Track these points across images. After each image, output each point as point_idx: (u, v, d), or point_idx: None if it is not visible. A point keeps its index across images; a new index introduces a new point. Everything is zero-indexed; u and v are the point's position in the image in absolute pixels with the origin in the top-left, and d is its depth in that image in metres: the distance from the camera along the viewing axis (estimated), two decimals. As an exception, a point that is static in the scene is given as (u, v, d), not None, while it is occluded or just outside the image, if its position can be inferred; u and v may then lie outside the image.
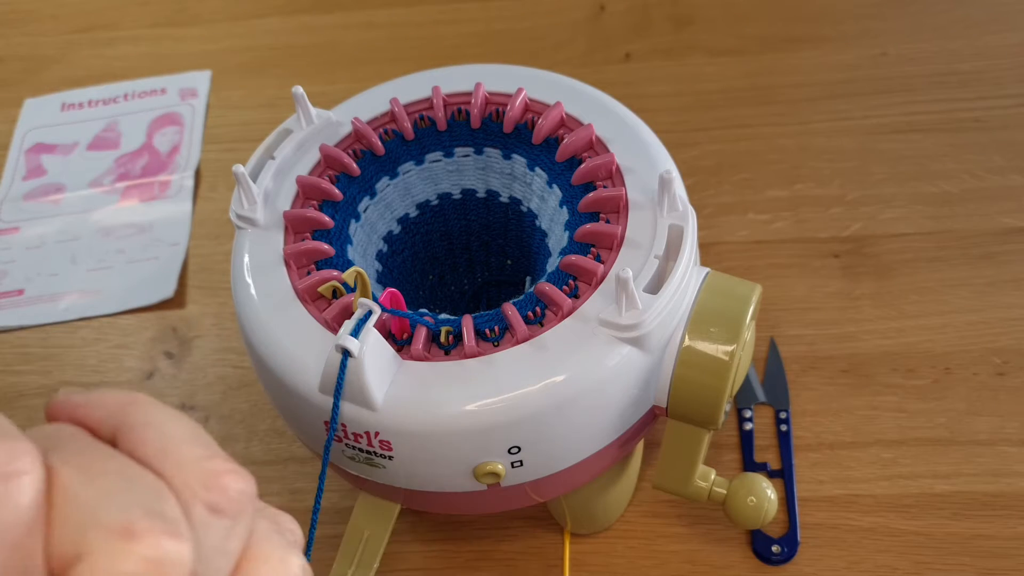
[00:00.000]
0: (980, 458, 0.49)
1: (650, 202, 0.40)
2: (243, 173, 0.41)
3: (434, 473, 0.39)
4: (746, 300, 0.38)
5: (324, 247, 0.41)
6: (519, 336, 0.37)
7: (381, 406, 0.36)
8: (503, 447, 0.37)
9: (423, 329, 0.38)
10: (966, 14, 0.68)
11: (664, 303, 0.37)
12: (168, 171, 0.67)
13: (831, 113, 0.64)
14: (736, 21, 0.70)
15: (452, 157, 0.46)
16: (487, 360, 0.37)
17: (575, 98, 0.44)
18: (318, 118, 0.45)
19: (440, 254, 0.49)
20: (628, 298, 0.36)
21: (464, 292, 0.50)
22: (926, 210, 0.58)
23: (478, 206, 0.47)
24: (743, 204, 0.60)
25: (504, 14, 0.74)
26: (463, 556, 0.48)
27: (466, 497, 0.40)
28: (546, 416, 0.36)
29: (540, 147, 0.44)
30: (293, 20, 0.76)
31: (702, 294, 0.39)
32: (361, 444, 0.38)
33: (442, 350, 0.38)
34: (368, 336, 0.35)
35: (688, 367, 0.38)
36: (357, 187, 0.44)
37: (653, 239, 0.39)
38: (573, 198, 0.42)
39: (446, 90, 0.45)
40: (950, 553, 0.46)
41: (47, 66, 0.76)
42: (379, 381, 0.36)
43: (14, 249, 0.64)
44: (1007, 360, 0.52)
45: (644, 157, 0.42)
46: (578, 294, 0.38)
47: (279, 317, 0.39)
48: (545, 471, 0.39)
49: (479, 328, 0.38)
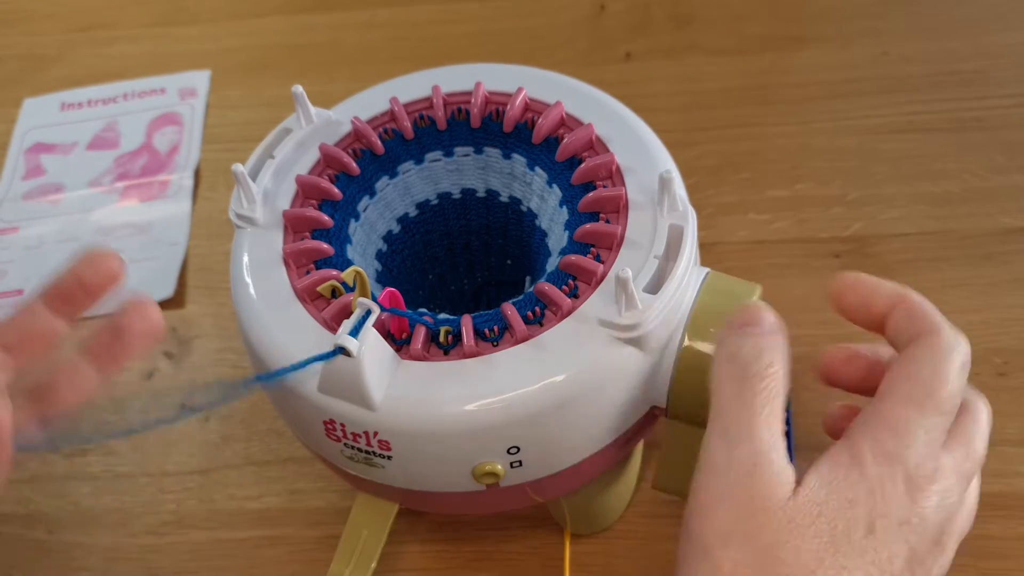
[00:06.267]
0: (981, 458, 0.49)
1: (650, 202, 0.40)
2: (242, 172, 0.41)
3: (433, 473, 0.39)
4: (746, 300, 0.38)
5: (323, 246, 0.41)
6: (518, 336, 0.37)
7: (380, 406, 0.36)
8: (502, 447, 0.37)
9: (422, 329, 0.38)
10: (966, 14, 0.68)
11: (664, 303, 0.37)
12: (167, 171, 0.67)
13: (831, 113, 0.64)
14: (736, 21, 0.70)
15: (452, 156, 0.45)
16: (486, 360, 0.37)
17: (575, 98, 0.44)
18: (318, 117, 0.45)
19: (440, 254, 0.49)
20: (628, 298, 0.36)
21: (464, 292, 0.50)
22: (927, 210, 0.58)
23: (478, 206, 0.47)
24: (743, 204, 0.60)
25: (504, 14, 0.73)
26: (463, 556, 0.48)
27: (465, 497, 0.40)
28: (545, 416, 0.36)
29: (540, 147, 0.43)
30: (293, 20, 0.76)
31: (702, 294, 0.38)
32: (360, 444, 0.38)
33: (441, 350, 0.38)
34: (367, 336, 0.35)
35: (688, 367, 0.38)
36: (357, 186, 0.44)
37: (653, 239, 0.39)
38: (573, 198, 0.41)
39: (446, 89, 0.45)
40: (951, 553, 0.46)
41: (46, 66, 0.76)
42: (378, 381, 0.36)
43: (13, 249, 0.64)
44: (1007, 360, 0.52)
45: (644, 157, 0.42)
46: (578, 294, 0.38)
47: (278, 316, 0.39)
48: (544, 471, 0.39)
49: (478, 328, 0.38)
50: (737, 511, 0.30)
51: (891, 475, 0.30)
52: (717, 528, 0.31)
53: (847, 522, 0.29)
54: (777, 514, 0.30)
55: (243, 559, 0.50)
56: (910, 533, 0.30)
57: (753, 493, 0.30)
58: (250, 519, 0.51)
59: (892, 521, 0.30)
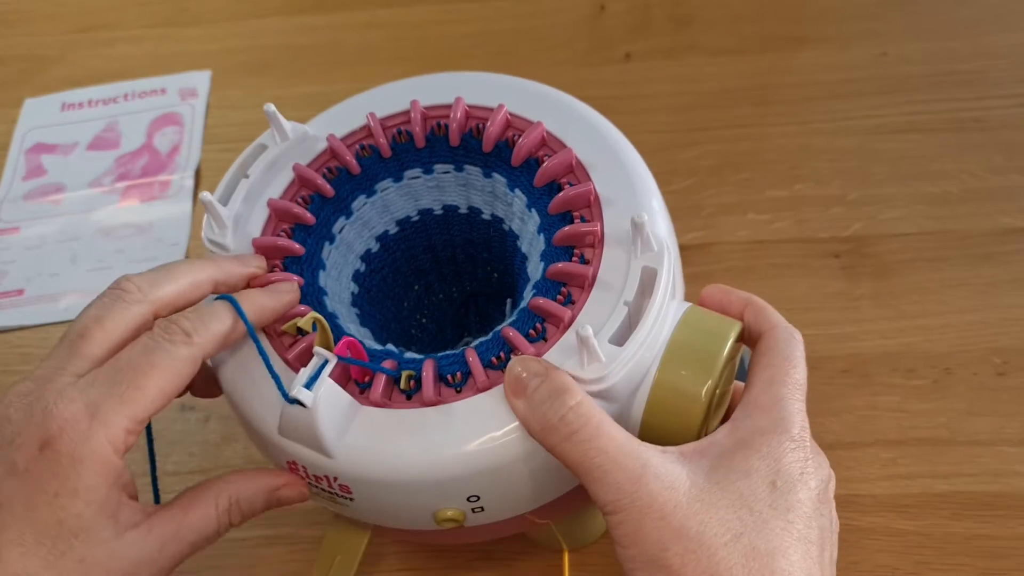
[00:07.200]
0: (980, 458, 0.49)
1: (628, 236, 0.38)
2: (211, 200, 0.41)
3: (396, 516, 0.39)
4: (723, 338, 0.37)
5: (293, 279, 0.40)
6: (480, 384, 0.36)
7: (337, 454, 0.36)
8: (462, 496, 0.37)
9: (382, 377, 0.37)
10: (966, 14, 0.68)
11: (630, 354, 0.35)
12: (168, 171, 0.67)
13: (831, 113, 0.64)
14: (736, 21, 0.70)
15: (432, 174, 0.44)
16: (446, 409, 0.36)
17: (560, 113, 0.43)
18: (293, 133, 0.44)
19: (426, 265, 0.48)
20: (590, 353, 0.35)
21: (453, 300, 0.49)
22: (926, 210, 0.58)
23: (460, 222, 0.46)
24: (743, 204, 0.60)
25: (504, 14, 0.73)
26: (463, 556, 0.48)
27: (433, 532, 0.39)
28: (505, 468, 0.36)
29: (520, 168, 0.42)
30: (293, 20, 0.76)
31: (678, 330, 0.37)
32: (322, 485, 0.38)
33: (404, 394, 0.37)
34: (322, 386, 0.35)
35: (658, 408, 0.36)
36: (332, 207, 0.43)
37: (625, 282, 0.37)
38: (550, 226, 0.40)
39: (427, 101, 0.44)
40: (950, 553, 0.46)
41: (47, 66, 0.76)
42: (334, 429, 0.36)
43: (14, 249, 0.64)
44: (1007, 360, 0.52)
45: (626, 185, 0.40)
46: (546, 337, 0.37)
47: (245, 356, 0.39)
48: (507, 515, 0.38)
49: (442, 373, 0.37)
50: (653, 521, 0.32)
51: (778, 442, 0.34)
52: (652, 542, 0.32)
53: (751, 487, 0.33)
54: (692, 504, 0.33)
55: (243, 558, 0.50)
56: (810, 479, 0.34)
57: (655, 501, 0.33)
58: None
59: (790, 476, 0.34)
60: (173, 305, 0.37)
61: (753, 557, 0.32)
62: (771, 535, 0.33)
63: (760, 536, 0.32)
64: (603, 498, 0.33)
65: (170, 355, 0.35)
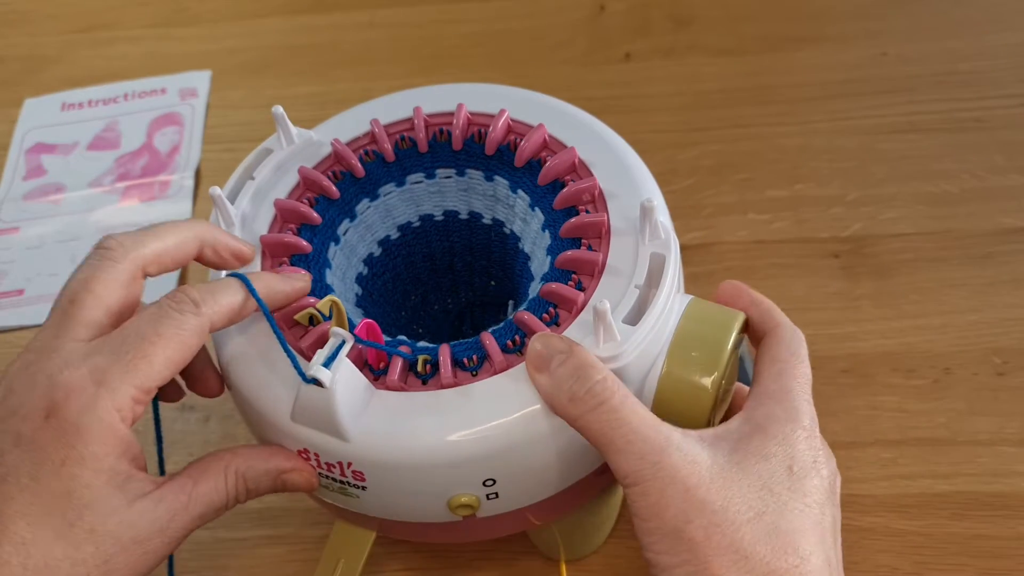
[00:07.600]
0: (980, 458, 0.49)
1: (633, 228, 0.39)
2: (220, 195, 0.41)
3: (408, 504, 0.38)
4: (727, 328, 0.37)
5: (301, 273, 0.40)
6: (497, 366, 0.37)
7: (353, 437, 0.36)
8: (478, 480, 0.37)
9: (399, 360, 0.37)
10: (966, 14, 0.68)
11: (643, 335, 0.36)
12: (168, 171, 0.67)
13: (831, 113, 0.64)
14: (736, 21, 0.70)
15: (434, 179, 0.45)
16: (463, 391, 0.36)
17: (559, 119, 0.43)
18: (299, 138, 0.44)
19: (423, 275, 0.48)
20: (606, 330, 0.35)
21: (449, 312, 0.49)
22: (926, 210, 0.58)
23: (461, 228, 0.46)
24: (743, 204, 0.60)
25: (504, 14, 0.74)
26: (463, 556, 0.48)
27: (442, 527, 0.39)
28: (521, 448, 0.36)
29: (522, 169, 0.43)
30: (293, 20, 0.76)
31: (683, 321, 0.38)
32: (334, 474, 0.37)
33: (419, 379, 0.37)
34: (340, 366, 0.35)
35: (667, 397, 0.37)
36: (337, 209, 0.43)
37: (635, 267, 0.38)
38: (555, 222, 0.41)
39: (429, 110, 0.45)
40: (950, 553, 0.46)
41: (47, 66, 0.76)
42: (351, 411, 0.36)
43: (14, 249, 0.65)
44: (1007, 360, 0.52)
45: (627, 182, 0.41)
46: (559, 322, 0.38)
47: (254, 343, 0.39)
48: (522, 503, 0.39)
49: (457, 357, 0.37)
50: (677, 493, 0.33)
51: (792, 430, 0.35)
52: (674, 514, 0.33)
53: (770, 470, 0.34)
54: (715, 480, 0.33)
55: (243, 558, 0.50)
56: (822, 467, 0.35)
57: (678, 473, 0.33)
58: (250, 518, 0.51)
59: (805, 463, 0.35)
60: (159, 262, 0.37)
61: (776, 535, 0.33)
62: (792, 516, 0.33)
63: (782, 517, 0.33)
64: (625, 468, 0.33)
65: (178, 324, 0.35)
